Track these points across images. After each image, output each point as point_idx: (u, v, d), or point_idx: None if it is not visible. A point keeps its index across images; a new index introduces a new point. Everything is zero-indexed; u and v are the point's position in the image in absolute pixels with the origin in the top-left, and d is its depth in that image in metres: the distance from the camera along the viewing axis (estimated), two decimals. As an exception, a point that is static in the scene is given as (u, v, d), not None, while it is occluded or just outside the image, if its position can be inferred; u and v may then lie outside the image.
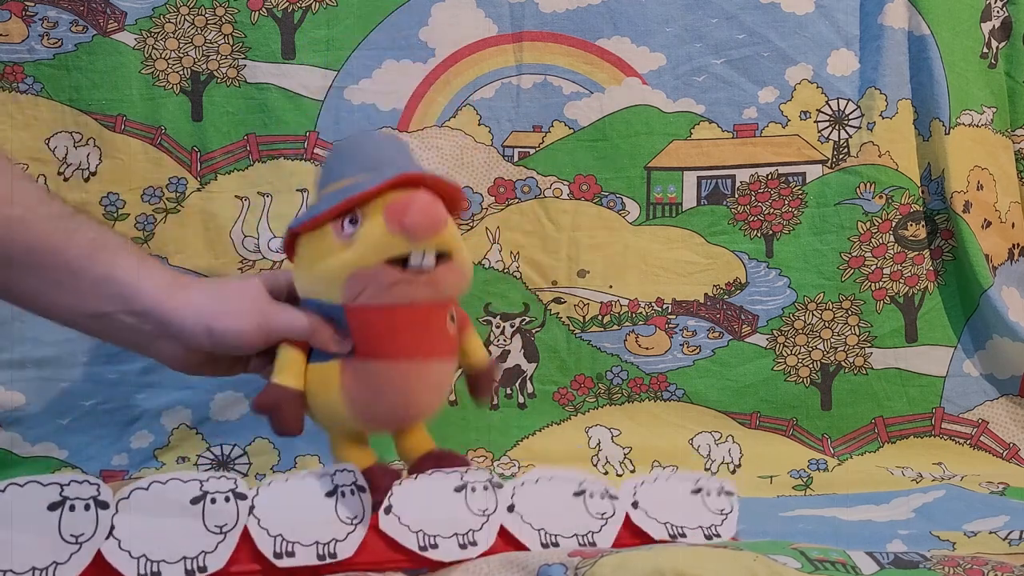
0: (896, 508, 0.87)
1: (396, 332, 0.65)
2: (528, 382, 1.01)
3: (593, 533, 0.67)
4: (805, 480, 0.97)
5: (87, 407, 0.94)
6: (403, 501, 0.64)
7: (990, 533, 0.75)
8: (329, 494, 0.63)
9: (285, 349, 0.67)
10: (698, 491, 0.73)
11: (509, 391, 1.01)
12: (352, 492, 0.63)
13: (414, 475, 0.67)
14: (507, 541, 0.65)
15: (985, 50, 1.06)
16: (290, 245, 0.69)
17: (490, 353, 0.97)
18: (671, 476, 0.73)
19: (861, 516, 0.85)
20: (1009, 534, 0.74)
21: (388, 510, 0.63)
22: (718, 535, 0.71)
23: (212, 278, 0.68)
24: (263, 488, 0.62)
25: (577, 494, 0.69)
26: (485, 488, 0.66)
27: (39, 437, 0.94)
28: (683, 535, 0.70)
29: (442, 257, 0.65)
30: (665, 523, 0.70)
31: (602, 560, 0.57)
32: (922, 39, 1.01)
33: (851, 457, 1.00)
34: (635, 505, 0.70)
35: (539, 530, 0.66)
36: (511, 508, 0.66)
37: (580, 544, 0.66)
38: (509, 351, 1.01)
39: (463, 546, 0.63)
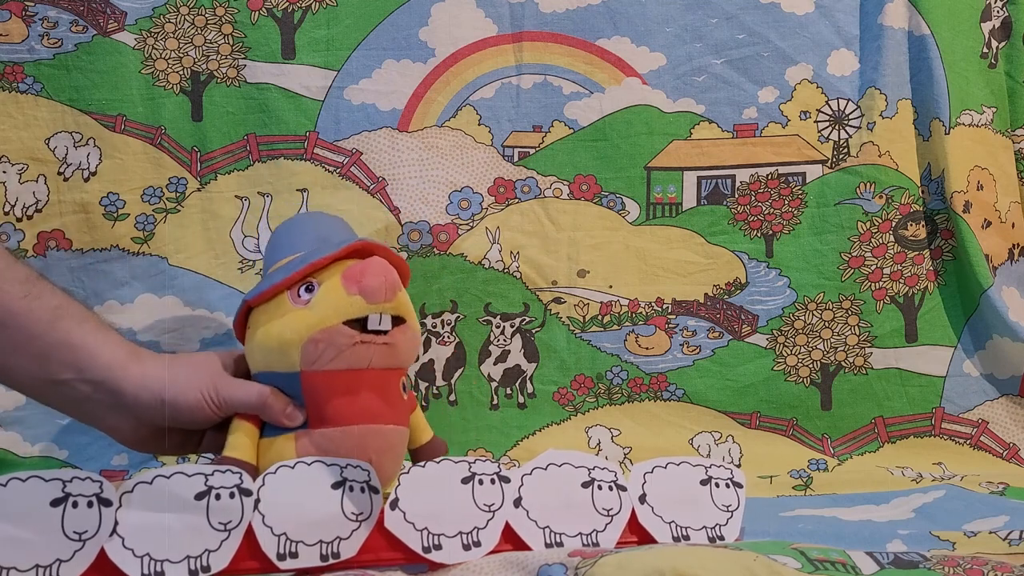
0: (896, 508, 0.87)
1: (353, 396, 0.66)
2: (528, 382, 1.01)
3: (598, 532, 0.67)
4: (805, 480, 0.96)
5: (87, 407, 0.94)
6: (410, 492, 0.64)
7: (990, 533, 0.75)
8: (336, 485, 0.63)
9: (237, 423, 0.68)
10: (707, 482, 0.73)
11: (509, 391, 1.01)
12: (363, 490, 0.63)
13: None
14: (510, 540, 0.65)
15: (985, 50, 1.06)
16: (242, 322, 0.71)
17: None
18: (682, 463, 0.73)
19: (861, 516, 0.84)
20: (1009, 534, 0.74)
21: (394, 504, 0.63)
22: (722, 537, 0.71)
23: (170, 353, 0.70)
24: (269, 477, 0.62)
25: (585, 484, 0.69)
26: (492, 481, 0.66)
27: (39, 437, 0.94)
28: (687, 537, 0.70)
29: (397, 321, 0.67)
30: (670, 523, 0.70)
31: (602, 560, 0.57)
32: (922, 39, 1.01)
33: (851, 457, 1.00)
34: (643, 499, 0.70)
35: (544, 528, 0.66)
36: (518, 502, 0.66)
37: (584, 544, 0.66)
38: (509, 351, 1.01)
39: (467, 547, 0.63)
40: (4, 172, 0.94)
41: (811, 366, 1.02)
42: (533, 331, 1.01)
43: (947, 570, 0.57)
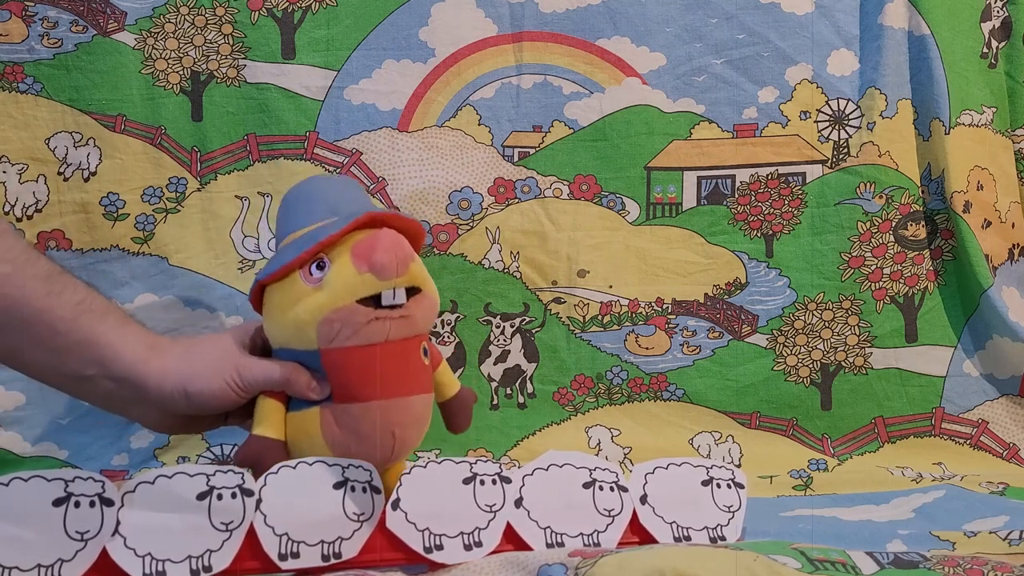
0: (896, 508, 0.87)
1: (374, 371, 0.65)
2: (528, 382, 1.01)
3: (599, 533, 0.67)
4: (805, 480, 0.97)
5: (87, 407, 0.93)
6: (411, 493, 0.64)
7: (990, 533, 0.75)
8: (338, 485, 0.63)
9: (263, 400, 0.67)
10: (708, 482, 0.73)
11: (509, 391, 1.01)
12: (364, 490, 0.63)
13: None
14: (511, 540, 0.65)
15: (985, 50, 1.06)
16: (257, 297, 0.70)
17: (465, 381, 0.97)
18: (683, 463, 0.73)
19: (861, 516, 0.85)
20: (1009, 534, 0.74)
21: (396, 504, 0.63)
22: (723, 537, 0.71)
23: (188, 338, 0.70)
24: (271, 477, 0.62)
25: (587, 485, 0.69)
26: (494, 482, 0.66)
27: (39, 437, 0.94)
28: (688, 538, 0.70)
29: (412, 292, 0.66)
30: (672, 523, 0.70)
31: (602, 560, 0.57)
32: (922, 39, 1.01)
33: (851, 457, 1.00)
34: (644, 500, 0.70)
35: (545, 528, 0.66)
36: (519, 502, 0.66)
37: (585, 544, 0.66)
38: (509, 351, 1.01)
39: (468, 547, 0.63)
40: (4, 172, 0.94)
41: (811, 366, 1.02)
42: (533, 331, 1.01)
43: (947, 570, 0.57)
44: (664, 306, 1.02)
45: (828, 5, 1.02)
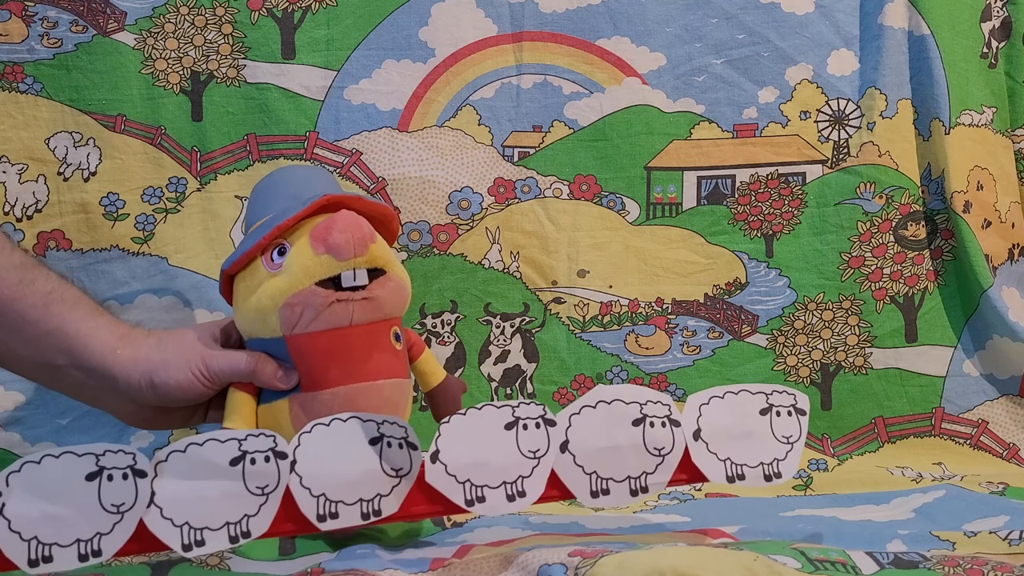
0: (896, 508, 0.86)
1: (339, 356, 0.65)
2: (528, 382, 1.01)
3: (647, 475, 0.65)
4: (805, 480, 0.96)
5: (87, 407, 0.93)
6: (451, 442, 0.62)
7: (990, 533, 0.75)
8: (373, 441, 0.61)
9: (233, 393, 0.67)
10: (767, 410, 0.69)
11: (509, 391, 1.01)
12: (401, 446, 0.62)
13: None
14: (556, 486, 0.64)
15: (985, 50, 1.06)
16: (227, 288, 0.70)
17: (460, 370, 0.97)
18: (741, 391, 0.69)
19: (861, 516, 0.84)
20: (1009, 534, 0.74)
21: (435, 457, 0.62)
22: (779, 474, 0.68)
23: (161, 331, 0.71)
24: (305, 436, 0.60)
25: (636, 422, 0.66)
26: (537, 425, 0.64)
27: (39, 437, 0.94)
28: (742, 476, 0.67)
29: (376, 274, 0.65)
30: (725, 460, 0.67)
31: (602, 560, 0.57)
32: (922, 39, 1.01)
33: (851, 457, 1.00)
34: (696, 435, 0.67)
35: (591, 474, 0.64)
36: (564, 446, 0.64)
37: (632, 489, 0.65)
38: (509, 351, 1.01)
39: (511, 497, 0.62)
40: (4, 172, 0.94)
41: (811, 366, 1.02)
42: (533, 331, 1.01)
43: (947, 570, 0.57)
44: (664, 306, 1.02)
45: (828, 5, 1.02)
